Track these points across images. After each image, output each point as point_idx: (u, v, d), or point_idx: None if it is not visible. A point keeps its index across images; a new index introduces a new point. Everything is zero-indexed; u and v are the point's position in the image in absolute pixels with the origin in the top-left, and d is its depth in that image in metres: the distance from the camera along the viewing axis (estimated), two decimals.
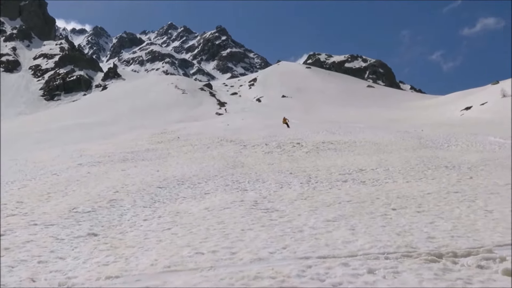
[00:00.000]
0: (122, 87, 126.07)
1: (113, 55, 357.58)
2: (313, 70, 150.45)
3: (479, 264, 5.63)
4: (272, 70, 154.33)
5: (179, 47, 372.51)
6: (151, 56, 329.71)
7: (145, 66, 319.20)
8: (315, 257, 6.11)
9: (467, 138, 27.20)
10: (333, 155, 21.53)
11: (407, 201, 10.28)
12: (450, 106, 69.86)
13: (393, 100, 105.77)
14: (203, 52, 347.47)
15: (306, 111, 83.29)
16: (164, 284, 5.23)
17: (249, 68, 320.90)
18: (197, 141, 33.77)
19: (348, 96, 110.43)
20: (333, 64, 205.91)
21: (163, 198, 12.48)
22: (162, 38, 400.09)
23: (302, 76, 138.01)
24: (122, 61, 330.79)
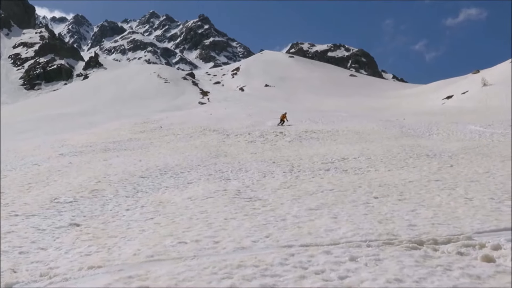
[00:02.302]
0: (104, 76, 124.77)
1: (95, 44, 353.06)
2: (296, 59, 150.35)
3: (459, 251, 5.70)
4: (255, 59, 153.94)
5: (161, 36, 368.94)
6: (133, 45, 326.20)
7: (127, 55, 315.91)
8: (297, 246, 6.13)
9: (448, 127, 27.46)
10: (316, 144, 21.61)
11: (389, 190, 10.36)
12: (432, 95, 70.39)
13: (376, 89, 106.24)
14: (185, 41, 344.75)
15: (289, 100, 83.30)
16: (147, 273, 5.22)
17: (232, 57, 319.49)
18: (180, 131, 33.64)
19: (331, 85, 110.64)
20: (316, 53, 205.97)
21: (146, 187, 12.43)
22: (144, 27, 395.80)
23: (285, 65, 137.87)
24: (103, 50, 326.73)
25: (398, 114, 42.98)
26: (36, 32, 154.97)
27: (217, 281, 4.85)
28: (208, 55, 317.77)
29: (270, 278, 4.86)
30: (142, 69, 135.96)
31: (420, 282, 4.65)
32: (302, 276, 4.89)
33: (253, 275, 4.96)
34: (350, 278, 4.81)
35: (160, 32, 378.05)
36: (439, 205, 8.49)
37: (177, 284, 4.80)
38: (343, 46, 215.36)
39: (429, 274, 4.86)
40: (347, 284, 4.64)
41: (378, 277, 4.76)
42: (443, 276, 4.79)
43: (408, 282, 4.63)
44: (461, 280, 4.69)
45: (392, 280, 4.69)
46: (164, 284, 4.83)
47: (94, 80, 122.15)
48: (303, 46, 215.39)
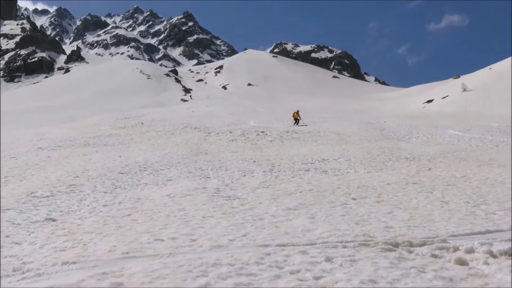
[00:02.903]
0: (86, 70, 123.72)
1: (77, 38, 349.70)
2: (279, 59, 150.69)
3: (433, 253, 5.77)
4: (238, 58, 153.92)
5: (145, 32, 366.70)
6: (116, 40, 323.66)
7: (109, 50, 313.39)
8: (274, 245, 6.14)
9: (428, 130, 27.75)
10: (297, 144, 21.68)
11: (367, 191, 10.44)
12: (413, 98, 71.09)
13: (358, 91, 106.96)
14: (169, 37, 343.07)
15: (272, 99, 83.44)
16: (121, 270, 5.18)
17: (215, 55, 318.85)
18: (161, 127, 33.50)
19: (314, 86, 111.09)
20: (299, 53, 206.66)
21: (125, 184, 12.34)
22: (128, 22, 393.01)
23: (269, 64, 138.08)
24: (86, 44, 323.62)
25: (379, 116, 43.32)
26: (17, 24, 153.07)
27: (191, 279, 4.83)
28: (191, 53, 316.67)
29: (245, 277, 4.86)
30: (124, 64, 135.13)
31: (394, 283, 4.70)
32: (277, 276, 4.90)
33: (228, 274, 4.96)
34: (325, 278, 4.84)
35: (143, 27, 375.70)
36: (415, 208, 8.57)
37: (151, 282, 4.78)
38: (327, 47, 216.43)
39: (403, 275, 4.91)
40: (321, 284, 4.66)
41: (353, 278, 4.80)
42: (416, 278, 4.84)
43: (382, 283, 4.67)
44: (434, 282, 4.74)
45: (366, 281, 4.72)
46: (138, 281, 4.80)
47: (76, 74, 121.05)
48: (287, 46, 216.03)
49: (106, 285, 4.72)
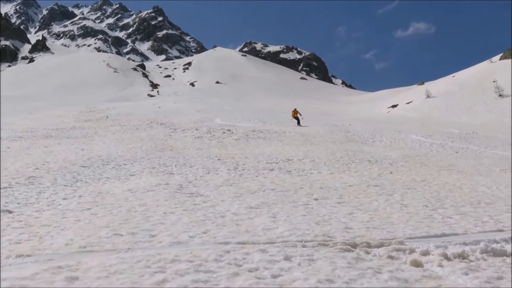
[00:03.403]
0: (51, 61, 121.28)
1: (43, 27, 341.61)
2: (248, 58, 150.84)
3: (390, 254, 5.87)
4: (207, 55, 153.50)
5: (113, 25, 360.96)
6: (83, 31, 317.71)
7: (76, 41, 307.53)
8: (234, 243, 6.14)
9: (391, 134, 28.20)
10: (262, 143, 21.73)
11: (329, 192, 10.54)
12: (378, 103, 72.19)
13: (325, 93, 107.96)
14: (138, 31, 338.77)
15: (239, 98, 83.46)
16: (77, 264, 5.09)
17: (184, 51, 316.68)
18: (126, 122, 33.15)
19: (282, 87, 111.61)
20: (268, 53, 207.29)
21: (86, 177, 12.14)
22: (96, 14, 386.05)
23: (238, 63, 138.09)
24: (52, 34, 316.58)
25: (344, 119, 43.82)
26: None
27: (149, 274, 4.79)
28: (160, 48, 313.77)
29: (203, 274, 4.85)
30: (91, 56, 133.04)
31: (350, 283, 4.76)
32: (236, 273, 4.90)
33: (187, 270, 4.94)
34: (283, 277, 4.86)
35: (112, 20, 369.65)
36: (375, 210, 8.70)
37: (107, 277, 4.72)
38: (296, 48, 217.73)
39: (360, 276, 4.98)
40: (279, 283, 4.69)
41: (310, 277, 4.84)
42: (372, 279, 4.92)
43: (338, 283, 4.73)
44: (389, 283, 4.83)
45: (323, 280, 4.77)
46: (94, 276, 4.73)
47: (40, 64, 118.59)
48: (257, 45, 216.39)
49: (60, 279, 4.63)
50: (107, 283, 4.54)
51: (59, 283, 4.55)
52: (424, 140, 25.34)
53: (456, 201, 9.79)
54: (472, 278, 5.00)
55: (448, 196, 10.42)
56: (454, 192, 10.99)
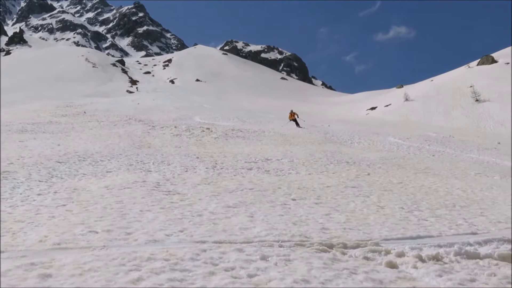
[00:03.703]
0: (28, 54, 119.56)
1: (20, 20, 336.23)
2: (229, 57, 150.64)
3: (365, 255, 5.90)
4: (188, 53, 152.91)
5: (93, 19, 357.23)
6: (62, 25, 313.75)
7: (54, 35, 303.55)
8: (211, 242, 6.12)
9: (370, 136, 28.43)
10: (241, 142, 21.70)
11: (307, 192, 10.57)
12: (357, 104, 72.72)
13: (305, 94, 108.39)
14: (118, 26, 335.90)
15: (219, 97, 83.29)
16: (51, 261, 5.01)
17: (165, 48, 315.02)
18: (104, 118, 32.83)
19: (262, 86, 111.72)
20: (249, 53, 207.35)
21: (62, 173, 11.98)
22: (76, 7, 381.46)
23: (218, 61, 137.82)
24: (29, 27, 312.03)
25: (323, 120, 44.03)
26: None
27: (124, 272, 4.74)
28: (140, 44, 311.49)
29: (179, 273, 4.81)
30: (69, 51, 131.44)
31: (326, 283, 4.77)
32: (212, 272, 4.88)
33: (162, 269, 4.90)
34: (259, 276, 4.86)
35: (92, 14, 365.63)
36: (352, 211, 8.75)
37: (82, 274, 4.65)
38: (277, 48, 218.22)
39: (335, 276, 5.00)
40: (255, 282, 4.68)
41: (286, 277, 4.84)
42: (348, 279, 4.94)
43: (314, 283, 4.74)
44: (364, 283, 4.85)
45: (299, 280, 4.77)
46: (68, 273, 4.66)
47: (17, 57, 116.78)
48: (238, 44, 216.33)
49: (33, 276, 4.56)
50: (81, 281, 4.48)
51: (32, 280, 4.48)
52: (402, 143, 25.60)
53: (431, 204, 9.90)
54: (445, 280, 5.05)
55: (424, 198, 10.53)
56: (430, 194, 11.11)
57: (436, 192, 11.55)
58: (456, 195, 11.24)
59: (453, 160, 19.18)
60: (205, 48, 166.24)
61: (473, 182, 13.66)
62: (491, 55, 63.46)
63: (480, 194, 11.52)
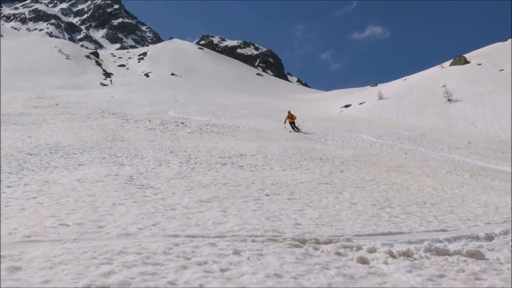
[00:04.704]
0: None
1: None
2: (205, 52, 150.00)
3: (337, 251, 5.95)
4: (163, 46, 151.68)
5: (67, 10, 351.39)
6: (35, 14, 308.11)
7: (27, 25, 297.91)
8: (183, 236, 6.09)
9: (343, 134, 28.67)
10: (216, 138, 21.66)
11: (281, 188, 10.61)
12: (332, 102, 73.18)
13: (280, 90, 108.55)
14: (92, 18, 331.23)
15: (194, 91, 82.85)
16: (20, 254, 4.93)
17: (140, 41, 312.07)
18: (77, 110, 32.37)
19: (237, 82, 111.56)
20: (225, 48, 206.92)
21: (32, 165, 11.79)
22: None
23: (194, 56, 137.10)
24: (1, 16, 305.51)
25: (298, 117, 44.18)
26: None
27: (95, 266, 4.68)
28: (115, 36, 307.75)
29: (151, 266, 4.79)
30: (42, 41, 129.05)
31: (298, 278, 4.80)
32: (184, 266, 4.86)
33: (134, 262, 4.86)
34: (231, 271, 4.86)
35: (66, 5, 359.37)
36: (325, 207, 8.82)
37: (52, 267, 4.59)
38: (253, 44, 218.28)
39: (307, 271, 5.03)
40: (227, 277, 4.68)
41: (258, 272, 4.85)
42: (320, 274, 4.97)
43: (286, 278, 4.76)
44: (336, 278, 4.89)
45: (271, 275, 4.79)
46: (38, 266, 4.59)
47: None
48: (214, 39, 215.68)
49: (2, 269, 4.47)
50: (51, 274, 4.42)
51: (1, 272, 4.39)
52: (375, 141, 25.88)
53: (403, 201, 10.04)
54: (415, 276, 5.13)
55: (396, 195, 10.68)
56: (401, 192, 11.27)
57: (408, 189, 11.71)
58: (427, 192, 11.42)
59: (424, 159, 19.46)
60: (181, 42, 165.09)
61: (444, 180, 13.90)
62: (464, 55, 64.54)
63: (450, 192, 11.72)
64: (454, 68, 61.16)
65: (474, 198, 11.06)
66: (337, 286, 4.67)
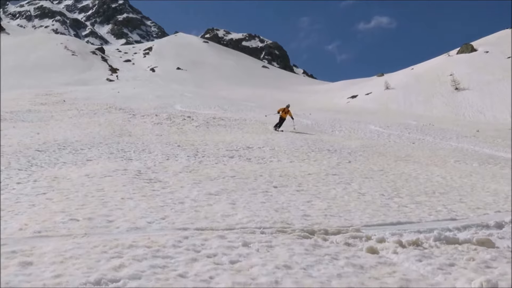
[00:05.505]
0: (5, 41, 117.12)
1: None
2: (210, 45, 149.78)
3: (346, 241, 5.96)
4: (168, 41, 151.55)
5: (72, 6, 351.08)
6: (40, 12, 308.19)
7: (33, 22, 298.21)
8: (193, 229, 6.11)
9: (350, 125, 28.60)
10: (223, 131, 21.68)
11: (289, 180, 10.60)
12: (338, 93, 72.93)
13: (286, 82, 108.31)
14: (97, 14, 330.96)
15: (200, 85, 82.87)
16: (31, 249, 4.97)
17: (145, 36, 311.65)
18: (84, 106, 32.48)
19: (243, 75, 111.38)
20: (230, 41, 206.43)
21: (41, 162, 11.85)
22: None
23: (199, 50, 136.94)
24: (7, 14, 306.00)
25: (305, 108, 44.07)
26: None
27: (105, 260, 4.71)
28: (120, 32, 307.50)
29: (161, 259, 4.80)
30: (48, 38, 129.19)
31: (307, 269, 4.80)
32: (194, 259, 4.88)
33: (144, 256, 4.88)
34: (241, 262, 4.87)
35: (70, 1, 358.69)
36: (333, 198, 8.81)
37: (63, 262, 4.61)
38: (258, 37, 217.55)
39: (317, 262, 5.03)
40: (237, 268, 4.69)
41: (268, 263, 4.86)
42: (329, 265, 4.98)
43: (295, 269, 4.77)
44: (345, 269, 4.90)
45: (281, 266, 4.80)
46: (49, 261, 4.62)
47: None
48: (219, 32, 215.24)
49: (14, 264, 4.50)
50: (62, 268, 4.45)
51: (13, 268, 4.43)
52: (382, 131, 25.80)
53: (411, 191, 10.02)
54: (425, 265, 5.12)
55: (404, 185, 10.65)
56: (410, 181, 11.24)
57: (416, 179, 11.68)
58: (435, 182, 11.38)
59: (433, 148, 19.39)
60: (185, 36, 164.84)
61: (453, 169, 13.84)
62: (471, 43, 64.01)
63: (459, 181, 11.68)
64: (461, 56, 60.70)
65: (484, 186, 11.02)
66: (347, 276, 4.67)
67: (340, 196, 9.07)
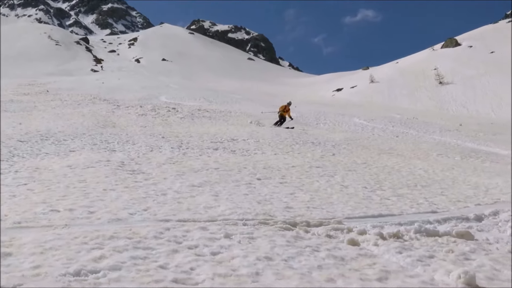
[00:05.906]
0: None
1: None
2: (196, 37, 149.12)
3: (328, 233, 5.98)
4: (154, 32, 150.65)
5: None
6: (23, 0, 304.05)
7: (15, 11, 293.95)
8: (175, 220, 6.10)
9: (335, 118, 28.73)
10: (208, 123, 21.64)
11: (272, 172, 10.62)
12: (323, 86, 73.12)
13: (271, 75, 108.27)
14: (82, 3, 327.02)
15: (186, 77, 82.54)
16: (11, 240, 4.92)
17: (130, 26, 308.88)
18: (68, 97, 32.21)
19: (229, 66, 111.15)
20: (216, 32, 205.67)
21: (23, 152, 11.72)
22: None
23: (185, 41, 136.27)
24: None
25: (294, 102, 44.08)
26: None
27: (86, 251, 4.68)
28: (105, 22, 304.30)
29: (142, 251, 4.79)
30: (31, 27, 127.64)
31: (288, 261, 4.82)
32: (175, 250, 4.87)
33: (125, 247, 4.86)
34: (222, 254, 4.87)
35: None
36: (316, 190, 8.85)
37: (42, 252, 4.58)
38: (244, 28, 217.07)
39: (298, 254, 5.05)
40: (218, 260, 4.69)
41: (249, 255, 4.87)
42: (310, 256, 5.00)
43: (277, 261, 4.78)
44: (326, 260, 4.92)
45: (262, 258, 4.81)
46: (29, 252, 4.58)
47: None
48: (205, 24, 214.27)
49: None
50: (41, 259, 4.41)
51: None
52: (367, 124, 25.95)
53: (394, 183, 10.10)
54: (405, 257, 5.17)
55: (387, 178, 10.73)
56: (392, 174, 11.32)
57: (399, 172, 11.78)
58: (418, 175, 11.48)
59: (416, 141, 19.56)
60: (171, 27, 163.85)
61: (435, 162, 13.98)
62: (455, 38, 64.52)
63: (441, 174, 11.80)
64: (445, 51, 61.19)
65: (465, 180, 11.15)
66: (328, 268, 4.70)
67: (323, 188, 9.11)
